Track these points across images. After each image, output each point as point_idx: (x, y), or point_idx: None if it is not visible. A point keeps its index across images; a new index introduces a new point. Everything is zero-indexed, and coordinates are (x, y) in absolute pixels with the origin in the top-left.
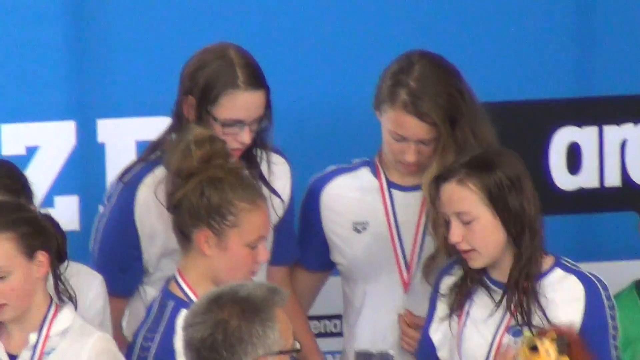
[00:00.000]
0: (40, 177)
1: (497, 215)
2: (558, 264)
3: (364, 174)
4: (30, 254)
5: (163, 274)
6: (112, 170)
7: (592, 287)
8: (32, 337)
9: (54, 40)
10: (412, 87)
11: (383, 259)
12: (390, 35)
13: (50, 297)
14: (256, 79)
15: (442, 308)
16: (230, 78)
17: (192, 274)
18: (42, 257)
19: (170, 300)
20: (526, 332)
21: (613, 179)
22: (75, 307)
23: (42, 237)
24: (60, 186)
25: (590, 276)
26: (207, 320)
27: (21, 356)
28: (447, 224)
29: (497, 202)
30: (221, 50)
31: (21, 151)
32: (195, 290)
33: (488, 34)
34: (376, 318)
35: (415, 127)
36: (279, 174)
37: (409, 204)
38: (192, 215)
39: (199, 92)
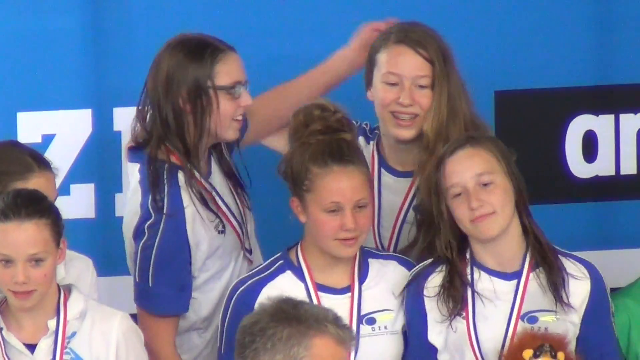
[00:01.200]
0: (56, 165)
1: (509, 180)
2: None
3: (368, 150)
4: (57, 240)
5: (208, 274)
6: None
7: (593, 269)
8: (51, 323)
9: (71, 28)
10: (403, 27)
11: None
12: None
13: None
14: (226, 43)
15: (434, 312)
16: (213, 47)
17: (304, 239)
18: (62, 244)
19: (282, 259)
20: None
21: (629, 167)
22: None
23: (61, 224)
24: (76, 174)
25: (583, 258)
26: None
27: (40, 345)
28: (458, 196)
29: (508, 166)
30: (175, 41)
31: (37, 139)
32: (305, 254)
33: (505, 21)
34: None
35: (410, 60)
36: None
37: (397, 190)
38: (285, 180)
39: (192, 79)
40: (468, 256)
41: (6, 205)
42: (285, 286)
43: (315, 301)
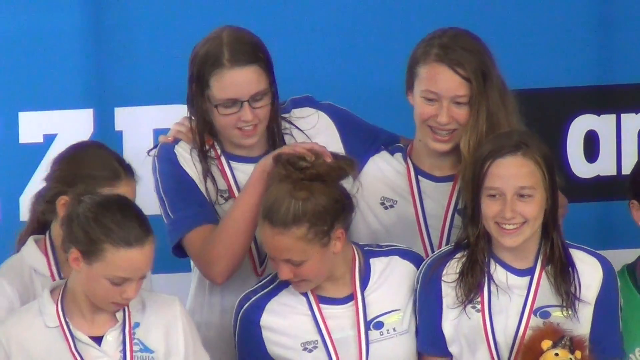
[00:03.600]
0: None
1: (548, 190)
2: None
3: (397, 158)
4: None
5: None
6: (130, 158)
7: (605, 262)
8: (119, 315)
9: (73, 28)
10: (444, 41)
11: (406, 244)
12: (410, 24)
13: None
14: (244, 55)
15: (450, 298)
16: (216, 58)
17: None
18: None
19: None
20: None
21: (630, 167)
22: None
23: None
24: None
25: (596, 252)
26: None
27: (107, 337)
28: (492, 197)
29: (550, 180)
30: (215, 33)
31: (39, 139)
32: None
33: (507, 22)
34: None
35: (448, 80)
36: (316, 126)
37: (438, 195)
38: None
39: (195, 79)
40: (486, 247)
41: (122, 228)
42: (288, 301)
43: (318, 314)
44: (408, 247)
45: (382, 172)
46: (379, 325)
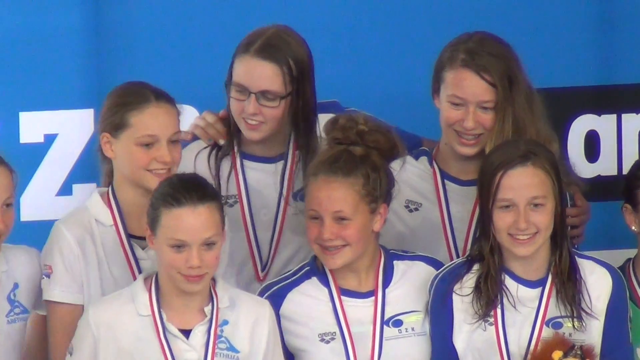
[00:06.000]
0: (58, 165)
1: (557, 197)
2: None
3: (422, 162)
4: (224, 223)
5: None
6: None
7: (614, 271)
8: (208, 309)
9: (73, 28)
10: (471, 46)
11: (430, 248)
12: (412, 24)
13: None
14: (270, 50)
15: (462, 313)
16: (248, 44)
17: None
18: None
19: (308, 265)
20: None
21: None
22: None
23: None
24: (79, 174)
25: (605, 261)
26: None
27: (195, 331)
28: (505, 207)
29: (559, 187)
30: (267, 26)
31: (39, 139)
32: None
33: (507, 22)
34: None
35: (475, 86)
36: None
37: (464, 199)
38: None
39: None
40: (499, 259)
41: (176, 190)
42: (310, 292)
43: (338, 306)
44: (433, 256)
45: (406, 175)
46: (398, 323)
